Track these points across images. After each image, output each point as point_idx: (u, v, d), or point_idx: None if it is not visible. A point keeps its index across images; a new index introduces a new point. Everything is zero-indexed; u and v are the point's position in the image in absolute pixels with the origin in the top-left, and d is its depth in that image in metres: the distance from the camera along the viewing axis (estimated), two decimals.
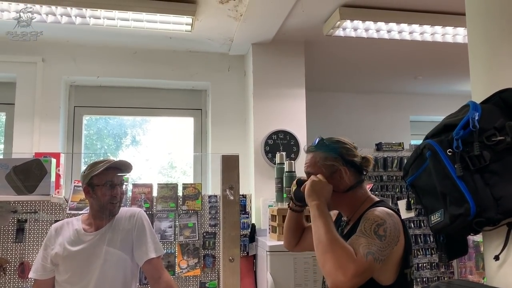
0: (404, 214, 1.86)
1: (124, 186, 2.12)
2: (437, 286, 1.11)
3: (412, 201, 2.10)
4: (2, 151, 3.60)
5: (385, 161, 4.01)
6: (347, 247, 1.33)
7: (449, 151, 1.13)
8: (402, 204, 1.70)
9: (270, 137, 3.35)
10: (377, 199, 1.63)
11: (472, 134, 1.13)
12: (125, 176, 3.00)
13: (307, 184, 1.55)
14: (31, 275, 2.08)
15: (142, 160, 3.96)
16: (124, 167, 2.08)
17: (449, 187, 1.11)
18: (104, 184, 2.00)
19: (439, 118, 1.33)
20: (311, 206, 1.50)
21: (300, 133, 3.40)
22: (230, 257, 1.24)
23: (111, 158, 2.08)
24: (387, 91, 4.78)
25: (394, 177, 4.00)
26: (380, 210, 1.46)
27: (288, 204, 1.86)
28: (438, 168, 1.14)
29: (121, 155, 4.15)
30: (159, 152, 4.07)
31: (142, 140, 4.15)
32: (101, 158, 2.09)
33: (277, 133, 3.36)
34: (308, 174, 1.66)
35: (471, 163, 1.10)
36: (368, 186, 2.81)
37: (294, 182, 1.76)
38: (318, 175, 1.56)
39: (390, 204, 1.72)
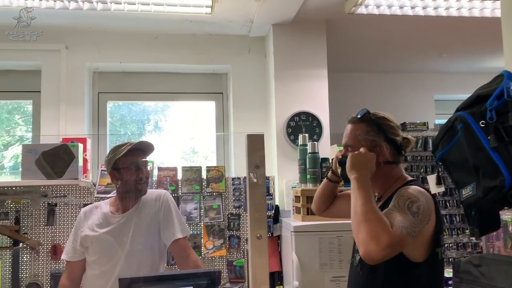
0: (434, 189, 1.84)
1: (149, 167, 2.14)
2: (469, 261, 1.10)
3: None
4: (31, 138, 3.70)
5: None
6: (384, 218, 1.33)
7: (482, 123, 1.10)
8: (431, 179, 1.67)
9: (292, 119, 3.33)
10: (410, 178, 1.61)
11: (506, 104, 1.09)
12: (150, 160, 3.06)
13: (348, 158, 1.54)
14: (63, 257, 2.15)
15: (165, 145, 4.01)
16: (146, 147, 2.10)
17: (482, 159, 1.08)
18: (128, 166, 2.03)
19: (464, 96, 1.30)
20: (351, 180, 1.49)
21: (323, 114, 3.37)
22: (258, 234, 1.25)
23: (132, 141, 2.11)
24: (411, 70, 4.68)
25: (419, 158, 3.94)
26: (414, 188, 1.45)
27: (326, 174, 1.88)
28: (471, 140, 1.11)
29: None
30: (181, 137, 4.10)
31: (164, 126, 4.19)
32: (122, 142, 2.12)
33: (299, 114, 3.34)
34: (346, 146, 1.65)
35: (506, 134, 1.07)
36: None
37: (338, 162, 1.73)
38: (361, 148, 1.55)
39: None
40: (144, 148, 2.10)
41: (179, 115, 4.15)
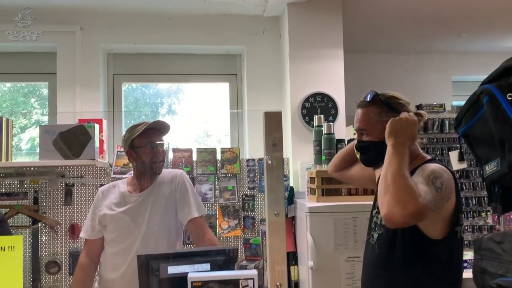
0: (456, 165, 1.83)
1: (164, 147, 2.15)
2: (491, 238, 1.08)
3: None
4: (47, 118, 3.74)
5: (425, 123, 3.90)
6: (415, 187, 1.33)
7: (510, 95, 1.07)
8: (453, 155, 1.65)
9: (307, 100, 3.30)
10: (429, 157, 1.60)
11: None
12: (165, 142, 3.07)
13: (388, 124, 1.52)
14: (81, 235, 2.18)
15: (178, 129, 4.01)
16: (162, 127, 2.11)
17: (509, 133, 1.06)
18: (144, 145, 2.04)
19: (483, 77, 1.26)
20: (388, 146, 1.48)
21: (338, 95, 3.33)
22: (276, 212, 1.25)
23: (148, 120, 2.11)
24: (428, 51, 4.59)
25: (435, 140, 3.88)
26: (436, 165, 1.44)
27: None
28: (497, 114, 1.09)
29: None
30: (195, 120, 4.10)
31: (178, 109, 4.19)
32: (138, 122, 2.13)
33: (314, 95, 3.31)
34: (360, 131, 1.64)
35: None
36: None
37: (355, 148, 1.73)
38: (402, 113, 1.53)
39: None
40: (160, 128, 2.11)
41: (192, 98, 4.14)
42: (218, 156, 3.08)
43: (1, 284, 1.17)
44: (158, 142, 2.08)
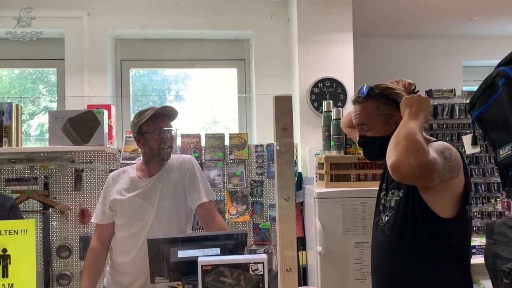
0: (469, 150, 1.81)
1: (173, 132, 2.15)
2: (504, 222, 1.07)
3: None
4: (56, 105, 3.75)
5: (435, 108, 3.86)
6: (426, 146, 1.34)
7: None
8: (467, 139, 1.64)
9: (316, 85, 3.28)
10: (434, 139, 1.59)
11: None
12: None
13: (403, 100, 1.52)
14: (93, 220, 2.21)
15: (185, 115, 4.01)
16: (170, 112, 2.11)
17: None
18: (153, 131, 2.05)
19: (494, 62, 1.24)
20: (404, 116, 1.48)
21: (348, 80, 3.30)
22: (286, 196, 1.24)
23: (156, 106, 2.11)
24: (438, 35, 4.51)
25: (445, 125, 3.85)
26: (443, 142, 1.45)
27: None
28: None
29: None
30: (202, 106, 4.09)
31: (186, 95, 4.18)
32: (146, 107, 2.13)
33: (323, 81, 3.28)
34: (361, 126, 1.64)
35: None
36: None
37: (358, 143, 1.74)
38: (418, 94, 1.53)
39: None
40: (168, 113, 2.11)
41: (200, 84, 4.13)
42: (227, 142, 3.08)
43: (15, 267, 1.19)
44: (166, 128, 2.08)
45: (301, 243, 3.07)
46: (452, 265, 1.41)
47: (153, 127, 2.05)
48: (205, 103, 4.06)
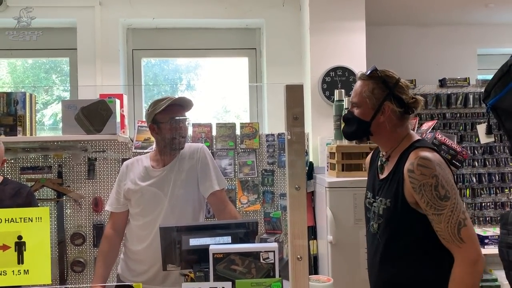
0: (484, 139, 1.79)
1: (186, 122, 2.16)
2: None
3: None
4: (69, 95, 3.78)
5: (448, 98, 3.82)
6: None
7: None
8: (481, 128, 1.61)
9: (327, 74, 3.25)
10: (416, 137, 1.61)
11: None
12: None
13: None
14: (107, 208, 2.23)
15: (197, 104, 4.00)
16: (186, 103, 2.12)
17: None
18: (167, 121, 2.05)
19: (510, 50, 1.21)
20: None
21: (360, 69, 3.18)
22: (296, 185, 1.24)
23: (172, 96, 2.12)
24: (453, 23, 4.43)
25: (458, 115, 3.81)
26: (423, 158, 1.44)
27: None
28: None
29: None
30: (213, 96, 4.08)
31: (197, 84, 4.18)
32: (162, 97, 2.13)
33: (335, 69, 3.26)
34: (353, 104, 1.65)
35: None
36: (431, 124, 2.71)
37: (342, 118, 1.76)
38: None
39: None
40: (183, 104, 2.11)
41: (211, 74, 4.12)
42: (238, 131, 3.08)
43: (30, 254, 1.21)
44: (181, 118, 2.09)
45: (312, 232, 3.08)
46: (447, 264, 1.41)
47: (167, 117, 2.06)
48: (216, 93, 4.06)
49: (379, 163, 1.68)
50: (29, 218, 1.22)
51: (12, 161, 2.93)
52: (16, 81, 4.05)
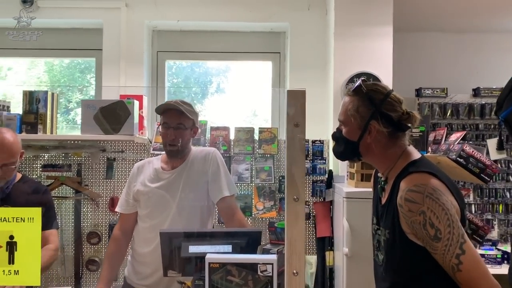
0: (494, 155, 1.66)
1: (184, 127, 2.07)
2: None
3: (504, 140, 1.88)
4: (94, 94, 3.84)
5: (482, 108, 3.65)
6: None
7: None
8: (491, 143, 1.49)
9: (351, 80, 3.15)
10: (413, 155, 1.44)
11: None
12: (203, 120, 3.06)
13: None
14: (117, 209, 2.22)
15: (225, 107, 3.99)
16: (176, 107, 2.02)
17: None
18: (163, 124, 2.04)
19: None
20: None
21: (386, 76, 3.15)
22: (295, 196, 1.18)
23: (176, 99, 2.07)
24: (488, 29, 4.22)
25: (492, 126, 3.63)
26: (410, 191, 1.30)
27: None
28: None
29: (207, 103, 4.23)
30: (241, 99, 4.05)
31: (226, 88, 4.16)
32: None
33: (359, 75, 3.15)
34: (339, 121, 1.52)
35: None
36: (459, 134, 2.57)
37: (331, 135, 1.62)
38: None
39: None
40: (177, 108, 2.03)
41: (239, 77, 4.09)
42: (256, 136, 3.03)
43: (21, 254, 1.20)
44: (173, 122, 2.03)
45: (329, 243, 2.98)
46: None
47: (162, 121, 2.05)
48: (245, 96, 4.02)
49: (378, 186, 1.54)
50: (21, 218, 1.20)
51: (34, 158, 2.99)
52: (52, 80, 4.15)
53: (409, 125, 1.43)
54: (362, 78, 1.50)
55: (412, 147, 1.49)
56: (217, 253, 1.45)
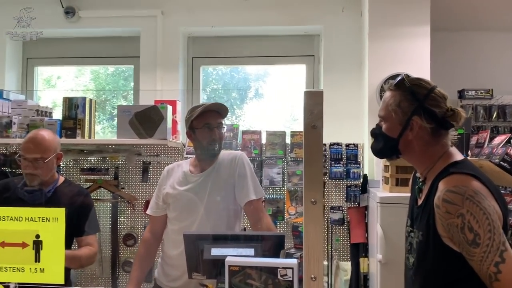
0: None
1: (224, 129, 2.14)
2: None
3: None
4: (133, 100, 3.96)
5: None
6: None
7: None
8: None
9: (387, 82, 3.07)
10: (455, 156, 1.37)
11: None
12: (235, 124, 3.08)
13: None
14: (147, 211, 2.27)
15: (265, 112, 4.00)
16: (220, 109, 2.10)
17: None
18: (202, 126, 2.05)
19: None
20: None
21: (423, 77, 3.04)
22: (312, 199, 1.15)
23: (207, 102, 2.11)
24: None
25: None
26: (449, 192, 1.23)
27: None
28: None
29: (245, 108, 4.25)
30: (280, 103, 4.04)
31: (265, 92, 4.17)
32: (200, 104, 2.14)
33: (395, 77, 3.04)
34: (380, 117, 1.47)
35: None
36: (504, 137, 2.44)
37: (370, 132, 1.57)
38: None
39: None
40: (218, 110, 2.10)
41: (277, 82, 4.09)
42: (288, 140, 3.01)
43: (46, 253, 1.24)
44: (215, 123, 2.07)
45: (363, 250, 2.90)
46: None
47: (202, 123, 2.06)
48: (282, 101, 4.01)
49: (417, 185, 1.48)
50: (46, 218, 1.25)
51: (73, 162, 3.11)
52: (98, 87, 4.32)
53: (454, 123, 1.37)
54: (405, 73, 1.45)
55: (455, 148, 1.43)
56: (237, 256, 1.44)
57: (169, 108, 2.82)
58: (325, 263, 2.99)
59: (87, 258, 2.14)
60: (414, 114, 1.36)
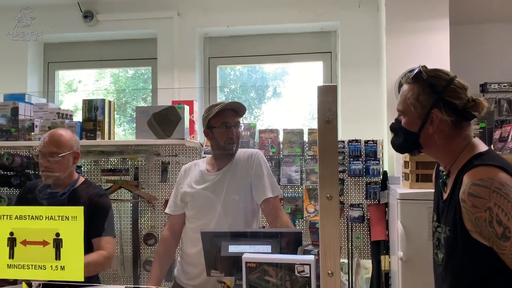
0: None
1: (241, 127, 2.14)
2: None
3: None
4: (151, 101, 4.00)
5: None
6: None
7: None
8: None
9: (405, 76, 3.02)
10: (479, 148, 1.33)
11: None
12: (252, 123, 3.08)
13: None
14: (166, 210, 2.29)
15: (283, 111, 3.99)
16: (238, 108, 2.10)
17: None
18: (220, 125, 2.05)
19: None
20: None
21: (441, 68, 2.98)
22: (328, 195, 1.14)
23: (225, 101, 2.12)
24: None
25: None
26: (475, 185, 1.20)
27: None
28: None
29: (264, 107, 4.26)
30: (299, 102, 4.03)
31: (283, 91, 4.16)
32: (217, 102, 2.14)
33: (413, 71, 3.01)
34: (398, 111, 1.43)
35: None
36: None
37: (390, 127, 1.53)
38: None
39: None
40: (235, 109, 2.11)
41: (295, 80, 4.07)
42: (306, 137, 2.99)
43: (66, 251, 1.27)
44: (233, 121, 2.08)
45: (384, 247, 2.87)
46: None
47: (220, 121, 2.06)
48: (301, 99, 3.99)
49: (440, 181, 1.45)
50: (65, 217, 1.27)
51: (94, 163, 3.17)
52: (118, 90, 4.39)
53: (475, 113, 1.33)
54: (422, 65, 1.40)
55: (478, 139, 1.39)
56: (254, 253, 1.44)
57: (186, 108, 2.83)
58: (346, 261, 2.96)
59: (94, 265, 1.99)
60: (434, 107, 1.32)
